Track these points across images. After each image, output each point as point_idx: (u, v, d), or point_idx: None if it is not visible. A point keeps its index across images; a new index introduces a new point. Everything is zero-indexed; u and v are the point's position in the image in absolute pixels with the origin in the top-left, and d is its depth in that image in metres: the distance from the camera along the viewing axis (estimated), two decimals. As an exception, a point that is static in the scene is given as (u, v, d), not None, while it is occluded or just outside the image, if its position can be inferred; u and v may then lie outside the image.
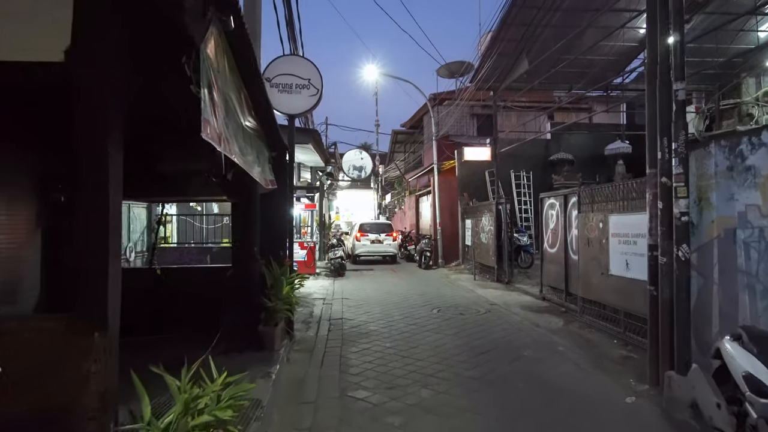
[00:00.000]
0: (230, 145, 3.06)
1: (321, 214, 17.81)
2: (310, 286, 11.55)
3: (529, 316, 7.76)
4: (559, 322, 7.31)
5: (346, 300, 9.70)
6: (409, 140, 29.73)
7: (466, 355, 5.63)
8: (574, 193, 7.83)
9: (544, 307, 8.55)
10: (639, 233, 5.71)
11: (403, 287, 11.46)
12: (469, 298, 9.83)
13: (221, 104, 2.92)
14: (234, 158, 3.18)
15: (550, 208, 9.02)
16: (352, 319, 7.83)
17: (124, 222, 9.04)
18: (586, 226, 7.12)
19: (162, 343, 6.04)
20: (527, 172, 16.42)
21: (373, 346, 6.10)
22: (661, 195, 4.20)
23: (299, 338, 6.57)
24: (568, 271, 8.16)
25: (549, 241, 9.04)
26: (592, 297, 7.01)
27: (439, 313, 8.23)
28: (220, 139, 2.79)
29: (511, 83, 14.10)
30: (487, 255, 12.50)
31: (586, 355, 5.59)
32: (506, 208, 11.68)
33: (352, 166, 19.12)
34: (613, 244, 6.33)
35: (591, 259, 6.99)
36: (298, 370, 5.21)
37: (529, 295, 9.89)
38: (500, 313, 8.11)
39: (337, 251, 13.93)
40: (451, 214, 16.41)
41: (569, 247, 8.12)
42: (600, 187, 6.81)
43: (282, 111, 6.57)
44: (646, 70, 4.56)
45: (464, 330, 6.91)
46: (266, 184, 5.35)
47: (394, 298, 9.90)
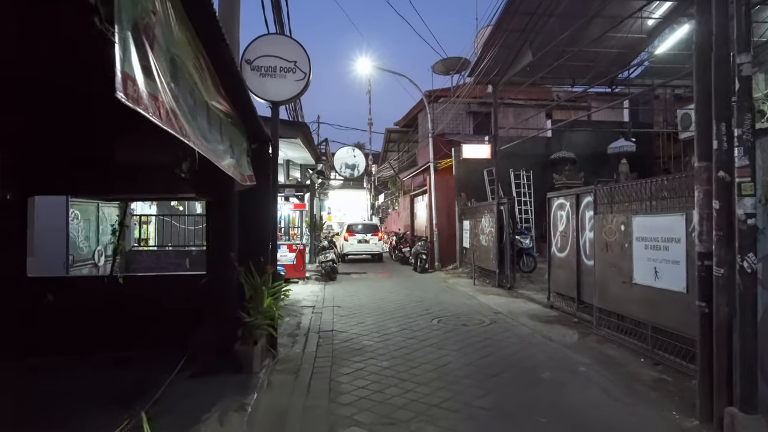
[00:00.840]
0: (181, 123, 2.29)
1: (312, 215, 17.00)
2: (299, 292, 10.76)
3: (539, 328, 7.04)
4: (574, 334, 6.60)
5: (337, 308, 8.92)
6: (403, 139, 29.00)
7: (474, 377, 4.88)
8: (588, 193, 7.12)
9: (554, 316, 7.83)
10: (672, 237, 5.00)
11: (398, 293, 10.70)
12: (471, 305, 9.09)
13: (164, 64, 2.15)
14: (188, 141, 2.41)
15: (559, 209, 8.31)
16: (344, 332, 7.06)
17: (93, 223, 8.20)
18: (604, 228, 6.41)
19: (125, 363, 5.24)
20: (527, 172, 15.76)
21: (368, 366, 5.33)
22: (717, 193, 3.48)
23: (284, 356, 5.79)
24: (580, 277, 7.45)
25: (558, 244, 8.33)
26: (610, 307, 6.29)
27: (440, 323, 7.48)
28: (161, 109, 2.02)
29: (513, 77, 13.40)
30: (488, 258, 11.78)
31: (612, 377, 4.86)
32: (508, 209, 10.96)
33: (345, 164, 18.32)
34: (637, 249, 5.62)
35: (609, 265, 6.28)
36: (280, 398, 4.43)
37: (534, 302, 9.18)
38: (506, 324, 7.38)
39: (328, 254, 13.14)
40: (448, 215, 15.69)
41: (582, 251, 7.41)
42: (622, 185, 6.10)
43: (264, 98, 5.80)
44: (695, 41, 3.84)
45: (469, 345, 6.17)
46: (243, 180, 4.58)
47: (389, 305, 9.14)
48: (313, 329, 7.22)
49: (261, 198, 5.70)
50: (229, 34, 5.34)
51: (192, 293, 5.36)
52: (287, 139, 9.28)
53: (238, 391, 4.41)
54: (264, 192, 5.68)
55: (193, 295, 5.29)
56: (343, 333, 6.99)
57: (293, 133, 8.91)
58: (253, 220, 5.66)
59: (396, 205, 26.92)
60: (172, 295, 5.57)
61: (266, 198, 5.71)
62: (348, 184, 36.21)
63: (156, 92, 1.97)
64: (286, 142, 9.87)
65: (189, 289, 5.49)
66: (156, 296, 5.57)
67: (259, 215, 5.71)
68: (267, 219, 5.72)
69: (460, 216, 15.15)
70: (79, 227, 7.73)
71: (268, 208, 5.75)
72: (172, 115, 2.16)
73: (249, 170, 4.89)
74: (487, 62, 11.92)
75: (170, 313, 5.41)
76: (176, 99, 2.31)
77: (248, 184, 4.75)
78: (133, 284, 5.66)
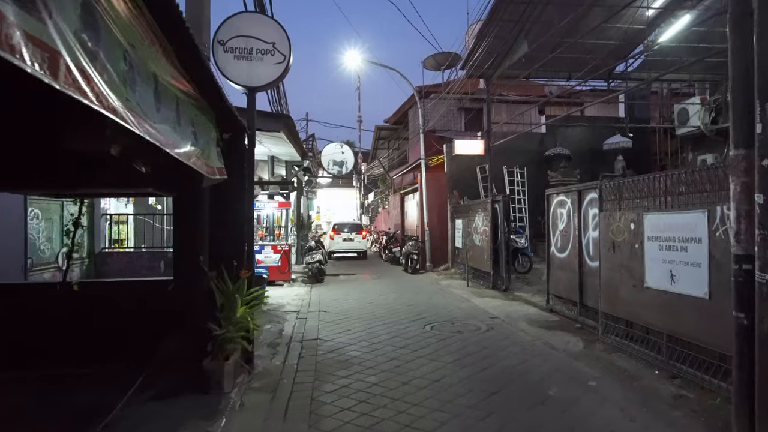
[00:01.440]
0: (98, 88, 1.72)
1: (298, 214, 16.39)
2: (283, 295, 10.18)
3: (540, 335, 6.53)
4: (578, 342, 6.10)
5: (323, 313, 8.35)
6: (393, 137, 28.46)
7: (474, 395, 4.35)
8: (592, 189, 6.63)
9: (554, 322, 7.33)
10: (691, 237, 4.51)
11: (388, 296, 10.15)
12: (465, 309, 8.57)
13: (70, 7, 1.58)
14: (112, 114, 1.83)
15: (559, 207, 7.83)
16: (330, 340, 6.49)
17: (56, 223, 7.53)
18: (610, 227, 5.92)
19: (78, 381, 4.63)
20: (521, 169, 15.29)
21: (355, 382, 4.77)
22: (760, 184, 2.97)
23: (262, 370, 5.21)
24: (583, 280, 6.97)
25: (558, 244, 7.84)
26: (619, 313, 5.80)
27: (433, 330, 6.95)
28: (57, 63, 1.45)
29: (507, 70, 12.93)
30: (482, 259, 11.28)
31: (627, 392, 4.36)
32: (503, 207, 10.46)
33: (332, 160, 17.69)
34: (650, 249, 5.13)
35: (618, 267, 5.79)
36: (253, 423, 3.85)
37: (532, 305, 8.69)
38: (505, 330, 6.87)
39: (315, 255, 12.55)
40: (440, 214, 15.17)
41: (585, 251, 6.93)
42: (631, 180, 5.60)
43: (239, 82, 5.21)
44: (730, 12, 3.34)
45: (466, 355, 5.64)
46: (211, 173, 4.00)
47: (379, 310, 8.59)
48: (296, 338, 6.64)
49: (236, 195, 5.12)
50: (197, 5, 4.76)
51: (157, 301, 4.78)
52: (269, 133, 8.68)
53: (205, 414, 3.84)
54: (239, 188, 5.10)
55: (158, 304, 4.71)
56: (328, 342, 6.42)
57: (276, 125, 8.31)
58: (227, 219, 5.07)
59: (386, 203, 26.39)
60: (135, 304, 4.97)
61: (241, 195, 5.12)
62: (337, 182, 35.62)
63: (46, 38, 1.40)
64: (269, 136, 9.27)
65: (154, 297, 4.90)
66: (116, 305, 4.96)
67: (234, 214, 5.13)
68: (242, 218, 5.14)
69: (452, 215, 14.65)
70: (40, 227, 7.08)
71: (243, 206, 5.17)
72: (80, 76, 1.58)
73: (219, 162, 4.31)
74: (481, 53, 11.42)
75: (132, 325, 4.82)
76: (92, 57, 1.74)
77: (218, 178, 4.17)
78: (90, 291, 5.03)
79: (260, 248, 11.48)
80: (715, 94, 13.65)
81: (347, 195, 38.55)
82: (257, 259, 11.30)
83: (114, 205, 10.27)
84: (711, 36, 11.94)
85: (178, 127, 3.04)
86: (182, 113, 3.16)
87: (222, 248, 4.96)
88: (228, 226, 5.08)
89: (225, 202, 5.08)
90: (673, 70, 12.31)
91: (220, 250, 4.93)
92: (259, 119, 8.25)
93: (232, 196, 5.13)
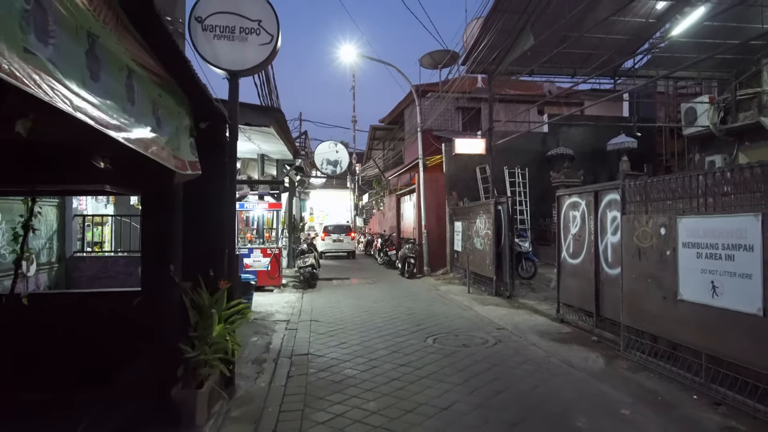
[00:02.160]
0: None
1: (290, 215, 15.72)
2: (272, 302, 9.51)
3: (554, 349, 5.93)
4: (598, 359, 5.50)
5: (315, 323, 7.69)
6: (388, 137, 27.86)
7: (491, 427, 3.73)
8: (612, 189, 6.04)
9: (567, 334, 6.74)
10: (739, 244, 3.92)
11: (386, 303, 9.52)
12: (469, 318, 7.96)
13: None
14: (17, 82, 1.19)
15: (571, 209, 7.24)
16: (322, 356, 5.85)
17: (20, 224, 6.81)
18: (636, 232, 5.33)
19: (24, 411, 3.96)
20: (522, 169, 14.72)
21: (351, 410, 4.13)
22: None
23: (244, 393, 4.56)
24: (599, 288, 6.38)
25: (570, 249, 7.25)
26: (645, 327, 5.21)
27: (436, 343, 6.32)
28: None
29: (510, 66, 12.36)
30: (483, 263, 10.68)
31: (668, 425, 3.75)
32: (507, 209, 9.87)
33: (326, 160, 17.00)
34: (685, 257, 4.54)
35: (643, 276, 5.20)
36: (229, 468, 3.20)
37: (540, 314, 8.09)
38: (514, 344, 6.26)
39: (307, 258, 11.89)
40: (438, 216, 14.56)
41: (602, 258, 6.34)
42: (662, 179, 5.01)
43: (219, 66, 4.56)
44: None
45: (475, 374, 5.02)
46: (182, 167, 3.36)
47: (375, 319, 7.95)
48: (284, 352, 5.99)
49: (215, 194, 4.47)
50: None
51: (122, 317, 4.13)
52: (257, 128, 8.02)
53: (171, 457, 3.19)
54: (217, 186, 4.46)
55: (124, 320, 4.07)
56: (320, 358, 5.78)
57: (265, 119, 7.65)
58: (205, 221, 4.43)
59: (381, 205, 25.76)
60: (96, 320, 4.31)
61: (220, 193, 4.48)
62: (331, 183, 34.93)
63: None
64: (258, 131, 8.61)
65: (119, 312, 4.24)
66: (74, 321, 4.30)
67: (212, 215, 4.48)
68: (222, 220, 4.49)
69: (450, 217, 14.04)
70: (1, 230, 6.37)
71: (223, 207, 4.52)
72: None
73: (192, 155, 3.66)
74: (484, 47, 10.81)
75: (92, 344, 4.17)
76: None
77: (190, 174, 3.52)
78: (44, 305, 4.36)
79: (249, 252, 10.82)
80: (725, 92, 13.17)
81: (341, 196, 37.89)
82: (245, 264, 10.64)
83: (93, 205, 9.56)
84: (722, 31, 11.46)
85: (129, 106, 2.40)
86: (137, 89, 2.52)
87: (198, 255, 4.32)
88: (206, 230, 4.43)
89: (202, 202, 4.44)
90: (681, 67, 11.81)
91: (195, 257, 4.29)
92: (246, 112, 7.60)
93: (212, 195, 4.49)
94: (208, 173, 4.38)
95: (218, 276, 4.29)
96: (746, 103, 12.68)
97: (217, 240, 4.44)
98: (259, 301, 9.43)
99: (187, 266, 4.18)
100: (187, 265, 4.18)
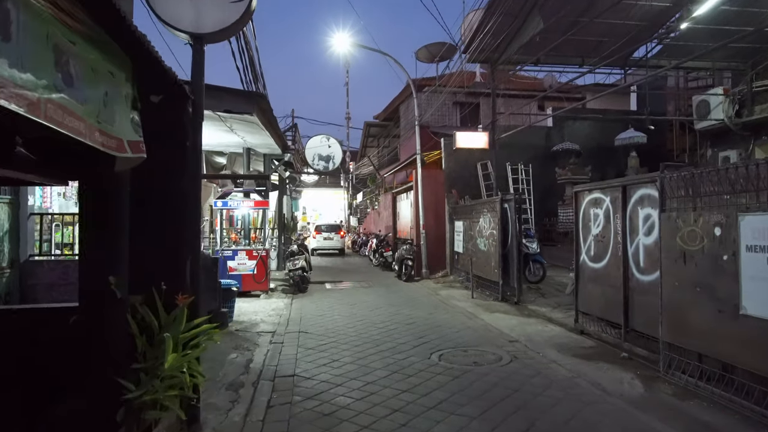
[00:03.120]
0: None
1: (280, 214, 14.83)
2: (257, 309, 8.65)
3: (580, 369, 5.11)
4: (634, 381, 4.69)
5: (304, 335, 6.84)
6: (383, 134, 27.04)
7: (523, 485, 2.90)
8: (647, 183, 5.24)
9: (591, 348, 5.93)
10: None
11: (382, 311, 8.67)
12: (476, 329, 7.14)
13: None
14: None
15: (592, 206, 6.44)
16: (310, 378, 4.99)
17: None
18: (679, 232, 4.52)
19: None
20: (526, 165, 13.93)
21: (343, 458, 3.29)
22: None
23: (215, 429, 3.70)
24: (629, 296, 5.57)
25: (590, 251, 6.45)
26: (692, 345, 4.41)
27: (443, 361, 5.49)
28: None
29: (514, 55, 11.57)
30: (488, 266, 9.87)
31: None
32: (515, 207, 9.06)
33: (318, 155, 16.09)
34: (750, 263, 3.74)
35: (690, 284, 4.39)
36: None
37: (555, 323, 7.29)
38: (533, 362, 5.44)
39: (297, 261, 11.02)
40: (437, 215, 13.73)
41: (632, 261, 5.54)
42: (714, 169, 4.20)
43: (181, 28, 3.69)
44: None
45: (493, 403, 4.19)
46: (117, 148, 2.51)
47: (372, 330, 7.11)
48: (266, 374, 5.13)
49: (175, 186, 3.61)
50: None
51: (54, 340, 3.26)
52: (239, 116, 7.14)
53: None
54: (178, 177, 3.60)
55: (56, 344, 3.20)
56: (308, 380, 4.92)
57: (246, 106, 6.77)
58: (161, 221, 3.57)
59: (376, 204, 24.93)
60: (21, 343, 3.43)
61: (181, 186, 3.61)
62: (324, 181, 34.04)
63: None
64: (240, 120, 7.73)
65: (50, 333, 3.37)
66: None
67: (172, 214, 3.62)
68: (183, 220, 3.63)
69: (450, 216, 13.22)
70: (-64, 231, 5.46)
71: (185, 203, 3.66)
72: None
73: (135, 134, 2.80)
74: (488, 30, 9.99)
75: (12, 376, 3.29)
76: None
77: (129, 156, 2.67)
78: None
79: (233, 254, 9.94)
80: (740, 84, 12.44)
81: (335, 195, 37.03)
82: (229, 267, 9.77)
83: (61, 203, 8.62)
84: (739, 17, 10.73)
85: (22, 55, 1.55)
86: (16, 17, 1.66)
87: (153, 263, 3.46)
88: (162, 232, 3.57)
89: (158, 197, 3.58)
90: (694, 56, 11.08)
91: (149, 265, 3.43)
92: (224, 97, 6.71)
93: (170, 187, 3.63)
94: (166, 161, 3.53)
95: (177, 289, 3.43)
96: (763, 95, 11.95)
97: (176, 244, 3.58)
98: (243, 308, 8.57)
99: (138, 276, 3.32)
100: (137, 275, 3.32)
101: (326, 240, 21.84)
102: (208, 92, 6.44)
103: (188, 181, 3.64)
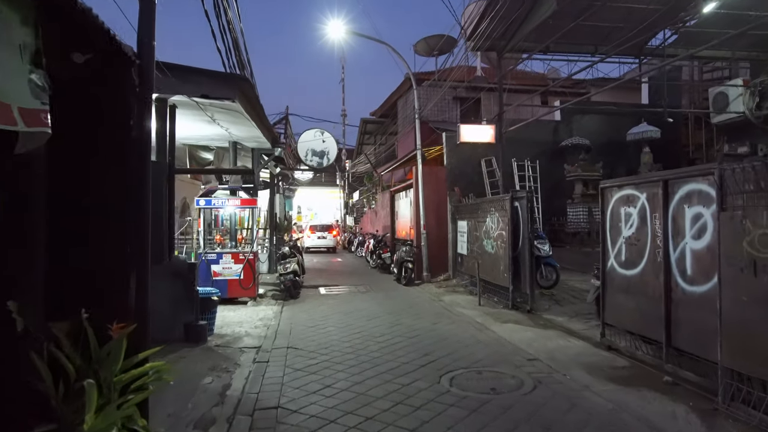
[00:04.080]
0: None
1: (272, 214, 13.97)
2: (243, 320, 7.79)
3: (620, 398, 4.29)
4: (690, 416, 3.87)
5: (293, 352, 6.00)
6: (380, 131, 26.17)
7: None
8: (696, 176, 4.43)
9: (625, 369, 5.12)
10: None
11: (381, 321, 7.84)
12: (487, 343, 6.32)
13: None
14: None
15: (623, 204, 5.62)
16: (297, 411, 4.15)
17: None
18: (747, 235, 3.71)
19: None
20: (532, 162, 13.13)
21: None
22: None
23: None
24: (672, 310, 4.76)
25: (621, 256, 5.64)
26: (762, 374, 3.60)
27: (454, 387, 4.66)
28: None
29: (522, 43, 10.75)
30: (496, 270, 9.06)
31: None
32: (526, 206, 8.25)
33: (311, 150, 15.21)
34: None
35: (763, 300, 3.58)
36: None
37: (576, 337, 6.48)
38: (561, 387, 4.62)
39: (289, 264, 10.17)
40: (438, 215, 12.90)
41: (675, 269, 4.73)
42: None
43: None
44: None
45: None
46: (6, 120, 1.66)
47: (370, 345, 6.28)
48: (244, 405, 4.29)
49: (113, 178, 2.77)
50: None
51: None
52: (219, 102, 6.28)
53: None
54: (118, 166, 2.75)
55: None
56: (294, 414, 4.08)
57: (227, 90, 5.91)
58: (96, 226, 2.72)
59: (373, 203, 24.09)
60: None
61: (123, 179, 2.77)
62: (319, 180, 33.13)
63: None
64: (221, 109, 6.87)
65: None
66: None
67: (113, 215, 2.77)
68: (123, 224, 2.77)
69: (453, 215, 12.39)
70: None
71: (129, 202, 2.80)
72: None
73: (35, 100, 1.95)
74: (495, 15, 9.16)
75: None
76: None
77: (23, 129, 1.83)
78: None
79: (218, 257, 9.08)
80: (761, 74, 11.69)
81: (330, 194, 36.16)
82: (213, 271, 8.91)
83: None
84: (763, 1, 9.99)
85: None
86: None
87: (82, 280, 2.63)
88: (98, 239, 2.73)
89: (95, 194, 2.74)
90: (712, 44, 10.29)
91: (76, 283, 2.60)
92: (200, 80, 5.82)
93: (110, 182, 2.78)
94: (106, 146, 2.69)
95: (115, 313, 2.58)
96: (786, 86, 11.21)
97: (114, 254, 2.73)
98: (227, 318, 7.72)
99: (59, 299, 2.48)
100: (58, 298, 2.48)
101: (319, 239, 24.15)
102: (181, 73, 5.56)
103: (132, 173, 2.79)
